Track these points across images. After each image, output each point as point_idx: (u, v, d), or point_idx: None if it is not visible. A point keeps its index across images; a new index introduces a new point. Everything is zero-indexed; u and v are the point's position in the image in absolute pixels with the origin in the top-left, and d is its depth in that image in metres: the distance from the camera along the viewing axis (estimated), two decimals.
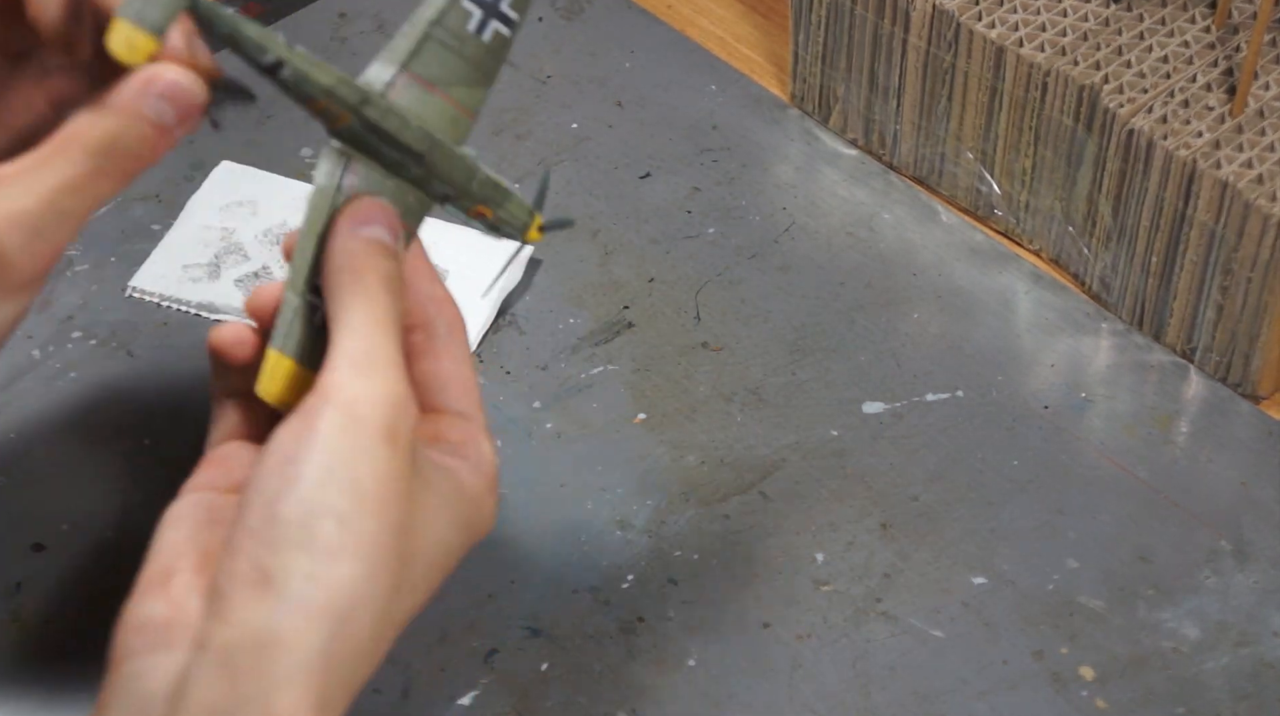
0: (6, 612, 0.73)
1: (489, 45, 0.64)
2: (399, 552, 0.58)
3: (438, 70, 0.63)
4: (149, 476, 0.77)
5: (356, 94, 0.62)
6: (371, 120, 0.61)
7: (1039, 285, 0.85)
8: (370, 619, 0.57)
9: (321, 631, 0.56)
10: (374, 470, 0.57)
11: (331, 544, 0.56)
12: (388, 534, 0.57)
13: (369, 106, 0.62)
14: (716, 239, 0.87)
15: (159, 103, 0.60)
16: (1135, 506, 0.77)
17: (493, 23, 0.64)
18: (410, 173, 0.62)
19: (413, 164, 0.62)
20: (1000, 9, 0.83)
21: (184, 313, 0.83)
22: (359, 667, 0.57)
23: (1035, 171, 0.84)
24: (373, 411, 0.57)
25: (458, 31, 0.64)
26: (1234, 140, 0.77)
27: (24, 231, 0.58)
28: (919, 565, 0.75)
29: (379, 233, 0.61)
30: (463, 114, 0.64)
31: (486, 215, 0.64)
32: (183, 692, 0.56)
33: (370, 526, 0.57)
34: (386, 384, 0.58)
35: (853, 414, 0.80)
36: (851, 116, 0.91)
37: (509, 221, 0.65)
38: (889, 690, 0.71)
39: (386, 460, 0.58)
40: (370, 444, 0.57)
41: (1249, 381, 0.81)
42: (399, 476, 0.58)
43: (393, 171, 0.62)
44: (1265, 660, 0.72)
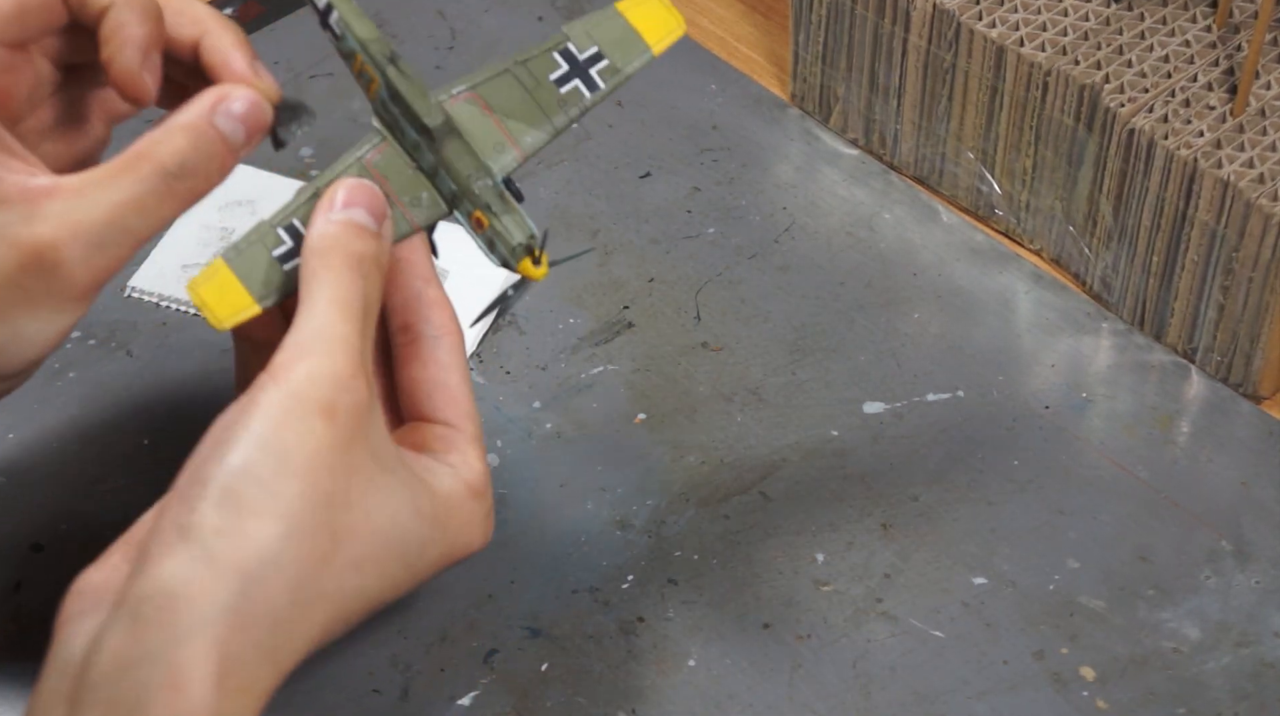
0: (6, 612, 0.73)
1: (563, 97, 0.67)
2: (328, 523, 0.58)
3: (501, 100, 0.66)
4: (149, 476, 0.77)
5: (386, 51, 0.64)
6: (392, 82, 0.64)
7: (1039, 285, 0.85)
8: (285, 582, 0.56)
9: (228, 586, 0.56)
10: (303, 440, 0.58)
11: (248, 504, 0.56)
12: (312, 502, 0.57)
13: (393, 67, 0.64)
14: (716, 239, 0.87)
15: (229, 121, 0.63)
16: (1136, 506, 0.77)
17: (575, 80, 0.67)
18: (426, 160, 0.64)
19: (426, 146, 0.64)
20: (1001, 8, 0.82)
21: (184, 312, 0.83)
22: (277, 633, 0.57)
23: (1036, 171, 0.84)
24: (311, 387, 0.58)
25: (537, 76, 0.67)
26: (1235, 139, 0.77)
27: (86, 245, 0.60)
28: (919, 565, 0.75)
29: (358, 214, 0.62)
30: (510, 144, 0.66)
31: (484, 224, 0.65)
32: (96, 646, 0.56)
33: (291, 490, 0.57)
34: (330, 361, 0.59)
35: (853, 414, 0.80)
36: (852, 116, 0.91)
37: (503, 236, 0.65)
38: (889, 690, 0.71)
39: (320, 433, 0.58)
40: (304, 415, 0.58)
41: (1250, 381, 0.80)
42: (333, 448, 0.58)
43: (413, 157, 0.64)
44: (1266, 660, 0.72)
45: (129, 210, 0.61)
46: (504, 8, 0.98)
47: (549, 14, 0.98)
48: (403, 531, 0.60)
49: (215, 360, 0.82)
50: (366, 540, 0.59)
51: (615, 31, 0.68)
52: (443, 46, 0.96)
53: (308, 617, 0.58)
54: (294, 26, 0.97)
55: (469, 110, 0.65)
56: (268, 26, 0.97)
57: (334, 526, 0.58)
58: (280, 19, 0.97)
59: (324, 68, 0.95)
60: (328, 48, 0.96)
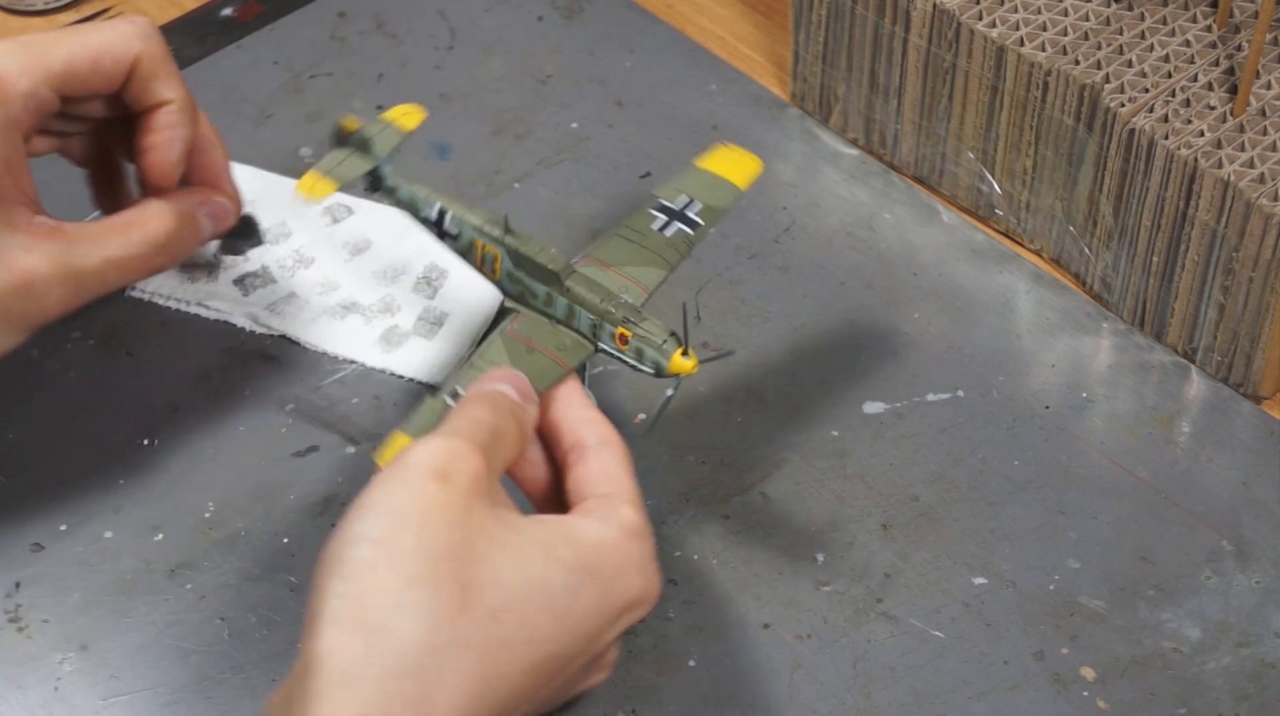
0: (6, 612, 0.73)
1: (669, 239, 0.75)
2: (453, 575, 0.59)
3: (615, 255, 0.74)
4: (149, 476, 0.77)
5: (500, 225, 0.73)
6: (514, 248, 0.72)
7: (1040, 285, 0.85)
8: (415, 630, 0.57)
9: (355, 642, 0.57)
10: (416, 499, 0.60)
11: (366, 562, 0.58)
12: (432, 554, 0.59)
13: (510, 236, 0.73)
14: (716, 239, 0.87)
15: (207, 219, 0.75)
16: (1136, 506, 0.77)
17: (676, 224, 0.76)
18: (560, 308, 0.72)
19: (557, 293, 0.72)
20: (1001, 8, 0.82)
21: (184, 312, 0.83)
22: (422, 684, 0.57)
23: (1036, 171, 0.84)
24: (424, 457, 0.61)
25: (641, 230, 0.75)
26: (1235, 139, 0.77)
27: (68, 286, 0.70)
28: (919, 565, 0.75)
29: (501, 386, 0.67)
30: (634, 285, 0.73)
31: (628, 338, 0.71)
32: None
33: (407, 544, 0.59)
34: (445, 440, 0.62)
35: (853, 414, 0.80)
36: (852, 116, 0.91)
37: (648, 339, 0.71)
38: (889, 690, 0.71)
39: (433, 492, 0.60)
40: (416, 479, 0.60)
41: (1250, 381, 0.80)
42: (449, 507, 0.60)
43: (547, 314, 0.72)
44: (1266, 660, 0.72)
45: (112, 267, 0.72)
46: (504, 8, 0.98)
47: (549, 14, 0.98)
48: (538, 581, 0.61)
49: (215, 360, 0.82)
50: (498, 591, 0.60)
51: (701, 180, 0.78)
52: (443, 46, 0.96)
53: (453, 667, 0.58)
54: (294, 26, 0.97)
55: (591, 269, 0.73)
56: (268, 26, 0.97)
57: (460, 578, 0.59)
58: (280, 19, 0.97)
59: (324, 68, 0.95)
60: (328, 48, 0.96)
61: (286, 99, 0.93)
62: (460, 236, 0.74)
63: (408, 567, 0.59)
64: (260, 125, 0.92)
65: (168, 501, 0.77)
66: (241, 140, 0.90)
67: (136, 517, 0.76)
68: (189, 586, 0.74)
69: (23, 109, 0.71)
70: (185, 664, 0.71)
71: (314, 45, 0.96)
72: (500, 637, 0.59)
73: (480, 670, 0.58)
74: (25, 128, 0.72)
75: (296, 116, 0.92)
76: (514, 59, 0.96)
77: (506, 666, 0.59)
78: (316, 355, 0.82)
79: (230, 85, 0.93)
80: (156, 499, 0.77)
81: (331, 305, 0.83)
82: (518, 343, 0.72)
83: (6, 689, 0.71)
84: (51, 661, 0.71)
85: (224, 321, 0.83)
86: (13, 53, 0.71)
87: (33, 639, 0.72)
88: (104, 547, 0.75)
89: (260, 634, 0.72)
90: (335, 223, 0.86)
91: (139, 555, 0.75)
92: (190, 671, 0.71)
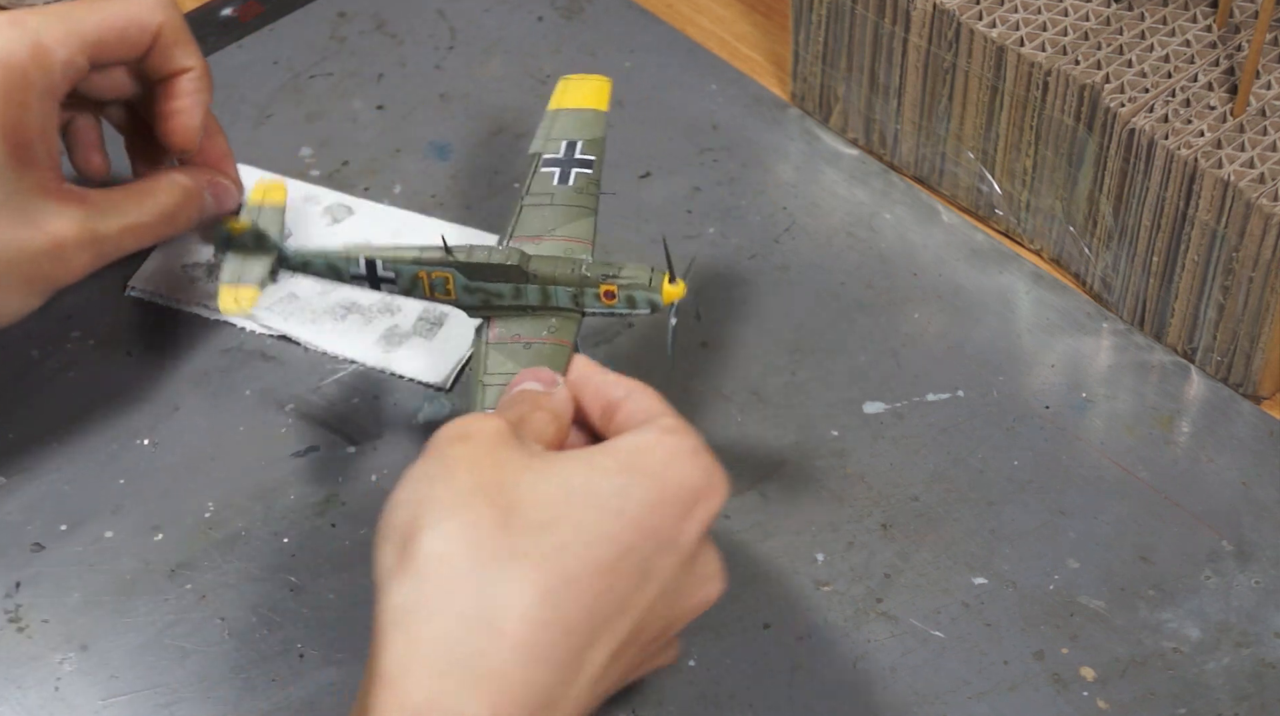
0: (6, 612, 0.73)
1: (576, 187, 0.76)
2: (488, 502, 0.59)
3: (538, 224, 0.75)
4: (149, 476, 0.77)
5: (437, 249, 0.72)
6: (463, 262, 0.72)
7: (1040, 285, 0.85)
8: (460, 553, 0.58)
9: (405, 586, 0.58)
10: (440, 460, 0.61)
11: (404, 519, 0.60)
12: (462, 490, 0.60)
13: (451, 255, 0.72)
14: (716, 239, 0.87)
15: (212, 199, 0.79)
16: (1136, 506, 0.77)
17: (573, 170, 0.76)
18: (533, 296, 0.72)
19: (523, 285, 0.72)
20: (1001, 8, 0.82)
21: (184, 312, 0.83)
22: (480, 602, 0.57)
23: (1036, 171, 0.84)
24: (441, 432, 0.62)
25: (545, 190, 0.76)
26: (1235, 139, 0.77)
27: (91, 251, 0.74)
28: (919, 565, 0.75)
29: (528, 383, 0.68)
30: (576, 243, 0.74)
31: (614, 292, 0.72)
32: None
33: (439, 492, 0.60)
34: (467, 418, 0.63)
35: (853, 414, 0.80)
36: (852, 116, 0.91)
37: (635, 286, 0.71)
38: (889, 690, 0.71)
39: (456, 451, 0.61)
40: (437, 448, 0.62)
41: (1250, 381, 0.80)
42: (472, 455, 0.61)
43: (521, 309, 0.72)
44: (1266, 660, 0.72)
45: (129, 233, 0.76)
46: (504, 8, 0.98)
47: (549, 14, 0.98)
48: (583, 488, 0.61)
49: (215, 360, 0.82)
50: (542, 505, 0.60)
51: (566, 120, 0.78)
52: (443, 46, 0.96)
53: (510, 578, 0.58)
54: (294, 26, 0.97)
55: (527, 247, 0.73)
56: (268, 26, 0.97)
57: (498, 503, 0.59)
58: (280, 19, 0.97)
59: (324, 68, 0.95)
60: (328, 48, 0.96)
61: (286, 99, 0.93)
62: (399, 276, 0.73)
63: (441, 507, 0.59)
64: (260, 125, 0.92)
65: (168, 501, 0.77)
66: (241, 140, 0.90)
67: (136, 517, 0.76)
68: (189, 586, 0.74)
69: (61, 77, 0.74)
70: (185, 664, 0.71)
71: (314, 45, 0.96)
72: (556, 543, 0.59)
73: (541, 576, 0.58)
74: (60, 95, 0.74)
75: (296, 116, 0.92)
76: (514, 59, 0.96)
77: (572, 569, 0.58)
78: (316, 355, 0.82)
79: (230, 85, 0.93)
80: (156, 499, 0.77)
81: (331, 305, 0.83)
82: (508, 344, 0.72)
83: (6, 689, 0.71)
84: (51, 661, 0.71)
85: (224, 321, 0.83)
86: (49, 23, 0.74)
87: (33, 639, 0.72)
88: (104, 547, 0.75)
89: (260, 634, 0.72)
90: (335, 223, 0.86)
91: (139, 555, 0.75)
92: (190, 671, 0.71)
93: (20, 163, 0.73)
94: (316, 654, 0.72)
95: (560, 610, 0.58)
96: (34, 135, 0.73)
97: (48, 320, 0.82)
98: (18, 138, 0.73)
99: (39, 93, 0.73)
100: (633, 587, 0.60)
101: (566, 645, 0.58)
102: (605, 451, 0.62)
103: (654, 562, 0.60)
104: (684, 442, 0.63)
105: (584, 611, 0.58)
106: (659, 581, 0.61)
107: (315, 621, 0.73)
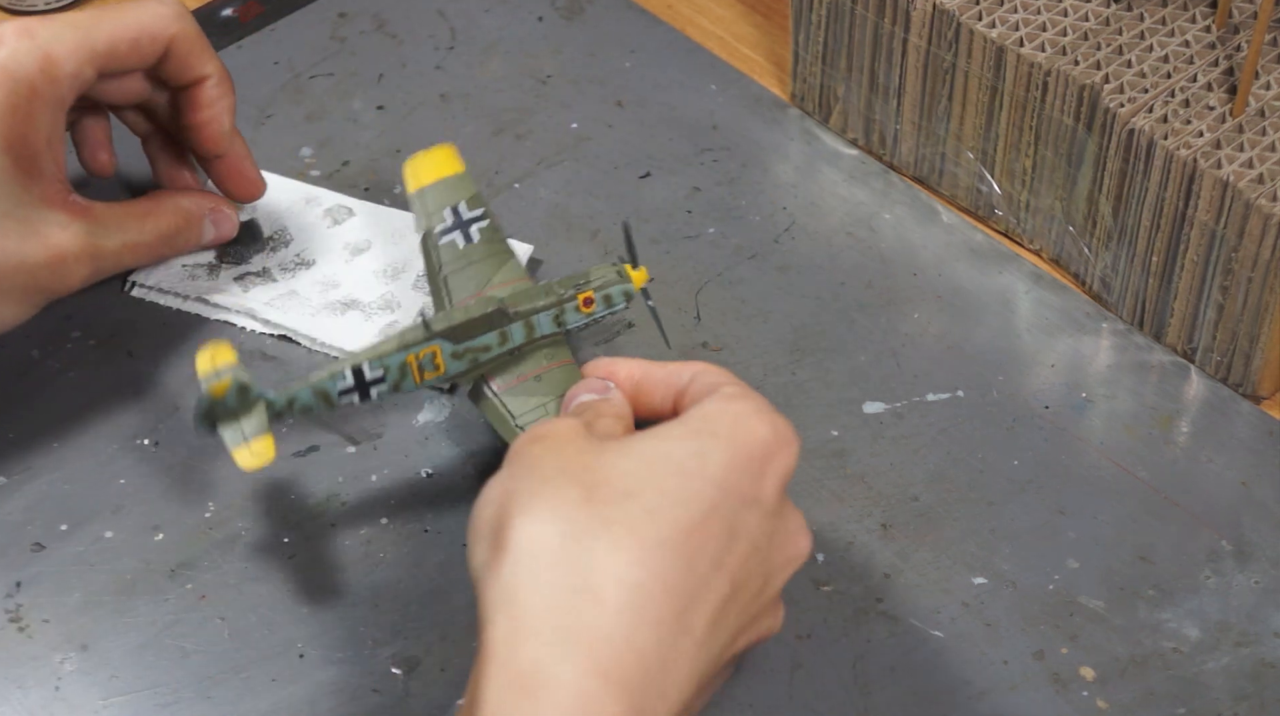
0: (7, 612, 0.73)
1: (484, 239, 0.78)
2: (570, 481, 0.61)
3: (472, 286, 0.76)
4: (149, 476, 0.77)
5: (417, 328, 0.72)
6: (446, 331, 0.72)
7: (1039, 285, 0.85)
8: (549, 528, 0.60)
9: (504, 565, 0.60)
10: (520, 459, 0.63)
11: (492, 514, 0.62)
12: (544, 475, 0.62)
13: (431, 330, 0.72)
14: (716, 239, 0.87)
15: (212, 225, 0.82)
16: (1135, 506, 0.77)
17: (472, 228, 0.78)
18: (518, 334, 0.74)
19: (506, 327, 0.73)
20: (1001, 8, 0.82)
21: (184, 312, 0.83)
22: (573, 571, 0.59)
23: (1036, 171, 0.84)
24: (522, 437, 0.65)
25: (457, 254, 0.78)
26: (1234, 140, 0.77)
27: (90, 265, 0.75)
28: (919, 565, 0.75)
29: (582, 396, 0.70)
30: (517, 281, 0.76)
31: (592, 298, 0.75)
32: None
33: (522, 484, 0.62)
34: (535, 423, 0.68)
35: (853, 414, 0.80)
36: (852, 116, 0.91)
37: (608, 284, 0.75)
38: (889, 690, 0.71)
39: (533, 451, 0.63)
40: (516, 450, 0.64)
41: (1249, 381, 0.80)
42: (549, 449, 0.63)
43: (511, 353, 0.74)
44: (1266, 660, 0.72)
45: (128, 250, 0.78)
46: (504, 8, 0.98)
47: (549, 14, 0.98)
48: (660, 456, 0.62)
49: None
50: (622, 477, 0.61)
51: (437, 192, 0.79)
52: (443, 46, 0.96)
53: (601, 547, 0.59)
54: (294, 26, 0.97)
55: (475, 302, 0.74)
56: (268, 26, 0.97)
57: (580, 480, 0.61)
58: (280, 19, 0.97)
59: (324, 68, 0.95)
60: (328, 48, 0.96)
61: (286, 99, 0.93)
62: (388, 371, 0.72)
63: (528, 494, 0.61)
64: (260, 125, 0.92)
65: (168, 501, 0.77)
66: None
67: (136, 517, 0.76)
68: (189, 586, 0.74)
69: (69, 89, 0.75)
70: (185, 664, 0.71)
71: (314, 45, 0.96)
72: (642, 509, 0.60)
73: (633, 541, 0.59)
74: (67, 106, 0.75)
75: (296, 116, 0.92)
76: (514, 59, 0.96)
77: (662, 531, 0.60)
78: (317, 355, 0.82)
79: None
80: (156, 499, 0.77)
81: (331, 302, 0.83)
82: (516, 385, 0.73)
83: (6, 689, 0.71)
84: (52, 661, 0.71)
85: (224, 321, 0.83)
86: (60, 34, 0.74)
87: (33, 639, 0.72)
88: (104, 547, 0.75)
89: (260, 634, 0.72)
90: (336, 224, 0.86)
91: (139, 555, 0.75)
92: (190, 671, 0.71)
93: (26, 174, 0.73)
94: (316, 654, 0.72)
95: (655, 572, 0.59)
96: (41, 147, 0.74)
97: (48, 320, 0.82)
98: (24, 149, 0.73)
99: (46, 105, 0.74)
100: (723, 546, 0.61)
101: (667, 606, 0.59)
102: (676, 423, 0.64)
103: (739, 520, 0.62)
104: (747, 404, 0.65)
105: (679, 572, 0.60)
106: (747, 538, 0.62)
107: (315, 621, 0.73)
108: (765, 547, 0.63)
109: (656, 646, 0.58)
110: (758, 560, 0.63)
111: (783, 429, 0.64)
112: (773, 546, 0.64)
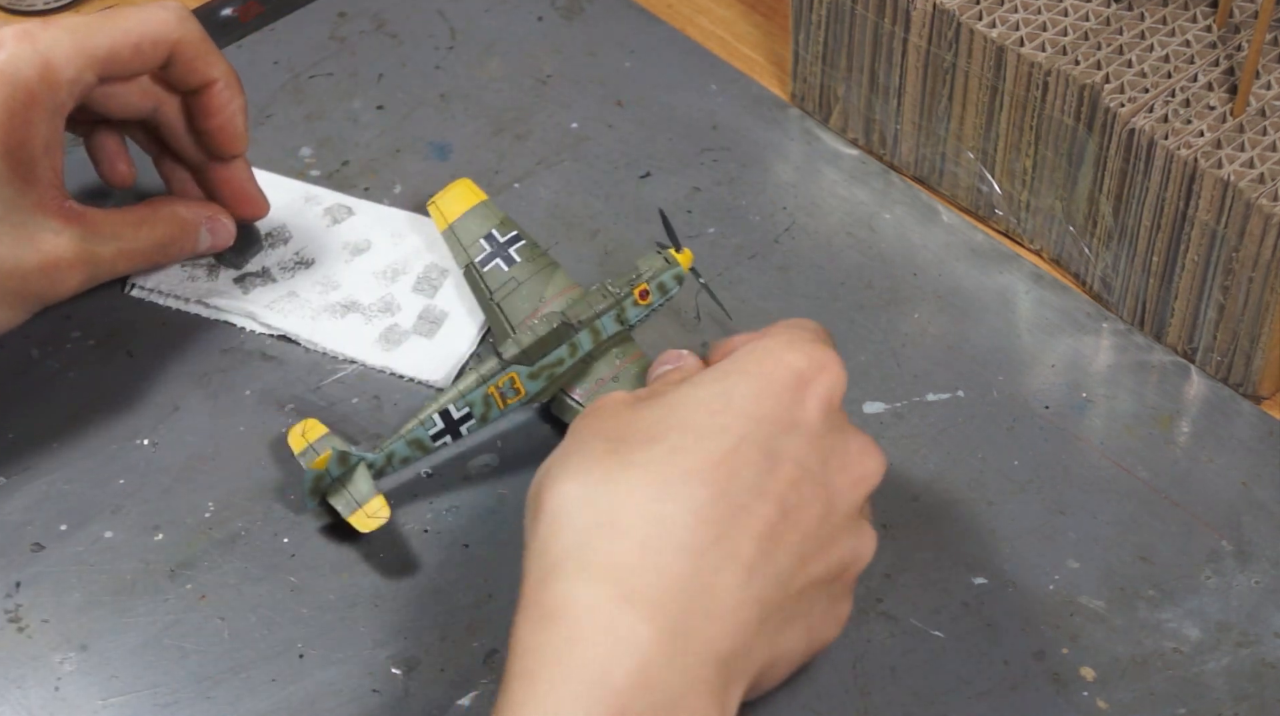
0: (6, 612, 0.73)
1: (527, 258, 0.80)
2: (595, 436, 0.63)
3: (527, 306, 0.79)
4: (149, 476, 0.77)
5: (494, 362, 0.75)
6: (520, 356, 0.75)
7: (1040, 285, 0.85)
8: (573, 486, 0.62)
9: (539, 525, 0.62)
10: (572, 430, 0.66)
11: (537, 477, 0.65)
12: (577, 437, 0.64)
13: (506, 360, 0.74)
14: (716, 239, 0.87)
15: (208, 234, 0.82)
16: (1136, 506, 0.77)
17: (510, 250, 0.81)
18: (585, 341, 0.76)
19: (575, 336, 0.76)
20: (1001, 8, 0.82)
21: (184, 312, 0.83)
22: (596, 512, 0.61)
23: (1036, 171, 0.84)
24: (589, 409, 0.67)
25: (502, 280, 0.80)
26: (1235, 139, 0.77)
27: (84, 272, 0.76)
28: (919, 565, 0.75)
29: (662, 367, 0.72)
30: (569, 290, 0.79)
31: (647, 290, 0.78)
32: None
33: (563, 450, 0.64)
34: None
35: (853, 414, 0.80)
36: (852, 116, 0.91)
37: (659, 273, 0.78)
38: (889, 690, 0.71)
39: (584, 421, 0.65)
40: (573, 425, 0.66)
41: (1250, 381, 0.80)
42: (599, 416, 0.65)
43: (583, 360, 0.76)
44: (1266, 660, 0.72)
45: (123, 257, 0.78)
46: (504, 8, 0.98)
47: (549, 14, 0.98)
48: (686, 398, 0.63)
49: (215, 360, 0.82)
50: (649, 425, 0.63)
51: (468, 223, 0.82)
52: (443, 46, 0.96)
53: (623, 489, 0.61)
54: (294, 26, 0.97)
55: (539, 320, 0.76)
56: (268, 26, 0.97)
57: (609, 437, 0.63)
58: (280, 19, 0.97)
59: (324, 68, 0.95)
60: (328, 48, 0.96)
61: (286, 99, 0.93)
62: (473, 406, 0.74)
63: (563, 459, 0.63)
64: (260, 125, 0.92)
65: (168, 501, 0.77)
66: None
67: (136, 517, 0.76)
68: (189, 586, 0.74)
69: (68, 95, 0.74)
70: (185, 664, 0.71)
71: (314, 45, 0.96)
72: (666, 449, 0.61)
73: (654, 476, 0.61)
74: (66, 111, 0.75)
75: (296, 116, 0.92)
76: (514, 59, 0.96)
77: (686, 464, 0.61)
78: (316, 355, 0.82)
79: None
80: (156, 499, 0.77)
81: (331, 303, 0.83)
82: (597, 389, 0.76)
83: (6, 689, 0.71)
84: (51, 661, 0.71)
85: (224, 321, 0.83)
86: (60, 39, 0.74)
87: (33, 639, 0.72)
88: (104, 547, 0.75)
89: (260, 634, 0.72)
90: (335, 223, 0.86)
91: (139, 555, 0.75)
92: (190, 671, 0.71)
93: (22, 180, 0.73)
94: (316, 654, 0.72)
95: (683, 501, 0.60)
96: (38, 153, 0.74)
97: (47, 320, 0.82)
98: (21, 155, 0.73)
99: (44, 110, 0.73)
100: (763, 472, 0.62)
101: (703, 532, 0.60)
102: (708, 371, 0.65)
103: (779, 445, 0.62)
104: (779, 339, 0.65)
105: (711, 500, 0.60)
106: (793, 462, 0.62)
107: (315, 621, 0.73)
108: (819, 470, 0.63)
109: (695, 571, 0.59)
110: (812, 483, 0.63)
111: (817, 355, 0.65)
112: (829, 468, 0.64)
